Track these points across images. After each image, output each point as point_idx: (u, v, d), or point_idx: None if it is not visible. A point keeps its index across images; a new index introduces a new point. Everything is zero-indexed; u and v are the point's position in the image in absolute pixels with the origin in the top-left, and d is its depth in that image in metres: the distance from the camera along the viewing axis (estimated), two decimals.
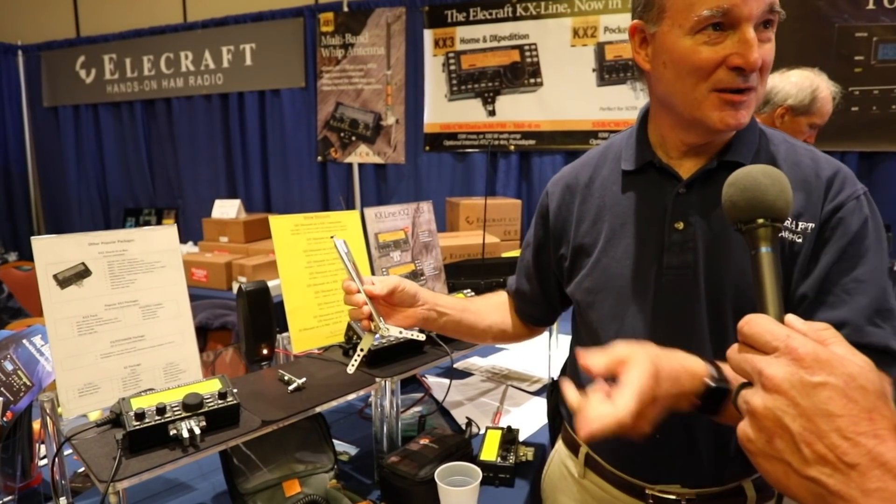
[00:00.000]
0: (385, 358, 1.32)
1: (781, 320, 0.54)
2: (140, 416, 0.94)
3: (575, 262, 1.05)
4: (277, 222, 1.42)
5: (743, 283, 0.88)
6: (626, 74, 3.43)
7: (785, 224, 0.85)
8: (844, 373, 0.45)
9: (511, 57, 3.67)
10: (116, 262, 1.17)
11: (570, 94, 3.57)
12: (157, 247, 1.22)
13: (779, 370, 0.47)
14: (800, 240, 0.86)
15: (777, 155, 0.91)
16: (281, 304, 1.37)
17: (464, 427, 1.52)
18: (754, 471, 0.90)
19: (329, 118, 4.15)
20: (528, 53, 3.63)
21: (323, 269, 1.47)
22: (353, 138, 4.10)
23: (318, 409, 1.13)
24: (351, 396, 1.21)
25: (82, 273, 1.14)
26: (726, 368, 0.79)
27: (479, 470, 1.16)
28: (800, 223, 0.87)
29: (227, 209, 3.80)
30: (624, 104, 3.47)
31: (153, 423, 0.94)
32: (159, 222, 4.71)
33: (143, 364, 1.17)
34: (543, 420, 1.60)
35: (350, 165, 4.16)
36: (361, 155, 4.11)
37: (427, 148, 3.96)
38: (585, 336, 1.06)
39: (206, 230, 3.82)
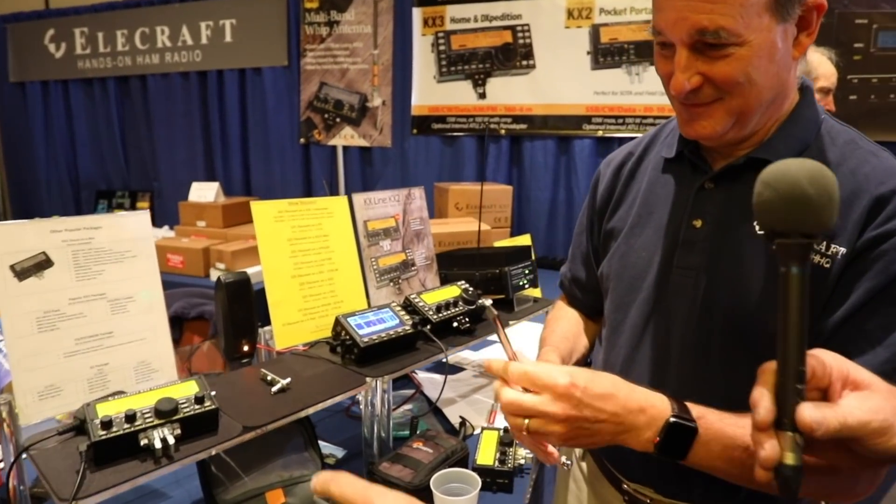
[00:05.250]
0: (376, 355, 1.23)
1: (803, 353, 0.51)
2: (107, 424, 0.84)
3: (605, 245, 1.02)
4: (260, 208, 1.32)
5: (740, 296, 0.81)
6: (621, 58, 3.34)
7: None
8: None
9: (503, 38, 3.56)
10: (82, 251, 1.07)
11: (564, 77, 3.47)
12: (127, 234, 1.12)
13: None
14: (828, 265, 0.75)
15: (830, 158, 0.80)
16: (261, 292, 1.28)
17: (457, 427, 1.45)
18: (736, 498, 0.85)
19: (312, 98, 4.00)
20: (520, 34, 3.53)
21: (308, 258, 1.38)
22: (338, 120, 3.97)
23: (304, 413, 1.04)
24: (340, 398, 1.12)
25: (43, 263, 1.03)
26: (696, 408, 0.74)
27: (477, 477, 1.08)
28: (832, 245, 0.75)
29: (204, 192, 3.66)
30: (619, 88, 3.38)
31: (121, 432, 0.85)
32: (133, 205, 4.54)
33: (111, 363, 1.07)
34: None
35: (334, 148, 4.03)
36: (346, 137, 3.98)
37: (414, 131, 3.85)
38: (604, 324, 1.03)
39: (182, 214, 3.68)
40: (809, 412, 0.51)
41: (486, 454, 1.25)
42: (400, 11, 3.72)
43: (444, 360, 1.33)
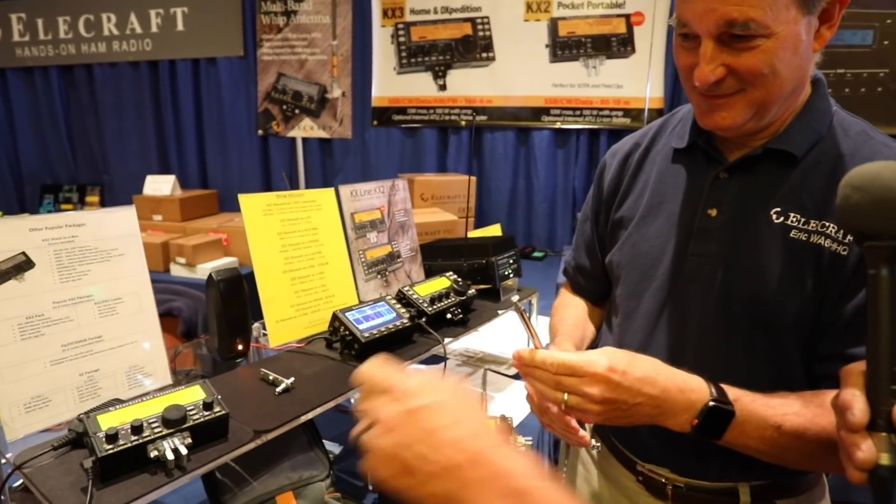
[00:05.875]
0: (375, 349, 1.21)
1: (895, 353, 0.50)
2: (112, 437, 0.79)
3: (613, 235, 1.02)
4: (248, 201, 1.27)
5: (761, 283, 0.82)
6: (578, 51, 3.38)
7: (827, 231, 0.78)
8: None
9: (463, 30, 3.55)
10: (65, 250, 1.00)
11: (523, 69, 3.50)
12: (113, 232, 1.06)
13: None
14: (845, 252, 0.77)
15: (843, 149, 0.81)
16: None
17: None
18: (752, 475, 0.87)
19: (270, 90, 3.89)
20: (480, 26, 3.53)
21: (299, 253, 1.34)
22: (297, 111, 3.87)
23: (313, 414, 1.00)
24: (348, 395, 1.09)
25: (23, 265, 0.96)
26: (731, 391, 0.76)
27: None
28: (849, 233, 0.77)
29: (160, 185, 3.51)
30: (576, 81, 3.43)
31: (129, 444, 0.79)
32: (82, 199, 4.30)
33: (101, 369, 1.01)
34: None
35: (293, 140, 3.94)
36: (305, 129, 3.89)
37: (375, 122, 3.80)
38: (612, 311, 1.03)
39: (137, 208, 3.47)
40: None
41: None
42: (359, 2, 3.66)
43: (443, 351, 1.31)
